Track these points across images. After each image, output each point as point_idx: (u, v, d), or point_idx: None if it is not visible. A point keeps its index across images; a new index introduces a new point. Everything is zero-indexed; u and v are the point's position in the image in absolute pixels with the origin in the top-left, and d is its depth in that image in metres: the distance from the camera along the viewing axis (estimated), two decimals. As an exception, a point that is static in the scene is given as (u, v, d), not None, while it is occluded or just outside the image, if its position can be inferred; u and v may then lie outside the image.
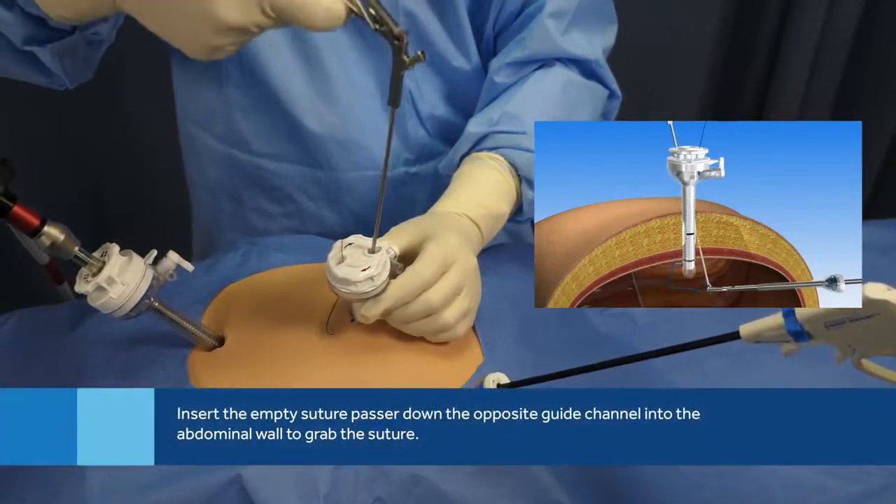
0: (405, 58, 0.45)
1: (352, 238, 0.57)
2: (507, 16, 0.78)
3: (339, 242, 0.57)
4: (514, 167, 0.72)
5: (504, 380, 0.53)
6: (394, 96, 0.48)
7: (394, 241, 0.59)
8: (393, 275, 0.57)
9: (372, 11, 0.44)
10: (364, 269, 0.55)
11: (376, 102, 0.79)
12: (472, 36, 0.78)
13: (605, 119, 0.85)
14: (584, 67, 0.80)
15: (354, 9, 0.45)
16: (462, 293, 0.59)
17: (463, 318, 0.59)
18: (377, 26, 0.45)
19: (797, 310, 0.39)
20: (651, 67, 1.47)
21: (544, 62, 0.78)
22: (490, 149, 0.73)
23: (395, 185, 0.82)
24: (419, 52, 0.46)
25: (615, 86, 0.83)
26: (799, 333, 0.39)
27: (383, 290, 0.56)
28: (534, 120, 0.72)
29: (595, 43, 0.80)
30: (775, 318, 0.39)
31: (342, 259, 0.56)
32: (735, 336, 0.41)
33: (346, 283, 0.55)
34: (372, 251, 0.56)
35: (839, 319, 0.37)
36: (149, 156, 1.29)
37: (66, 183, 1.26)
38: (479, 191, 0.70)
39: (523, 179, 0.72)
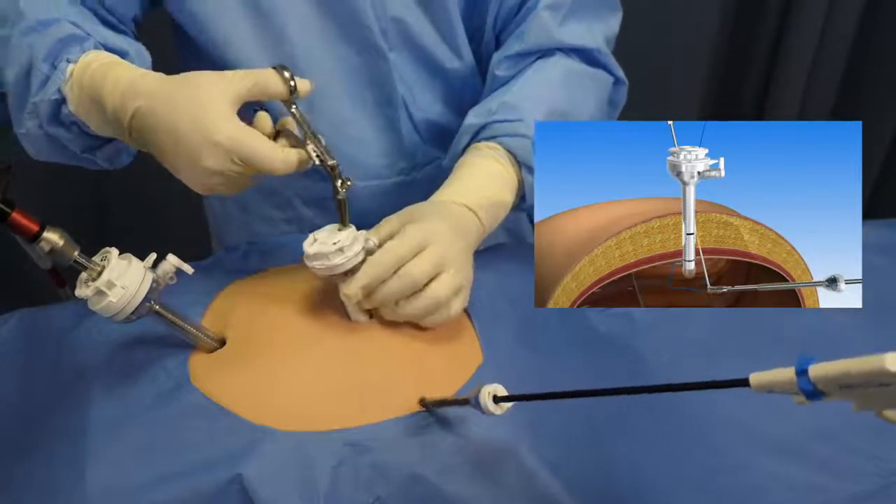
0: (339, 182, 0.58)
1: (324, 227, 0.61)
2: (507, 11, 0.78)
3: (312, 232, 0.60)
4: (513, 154, 0.72)
5: (501, 391, 0.52)
6: (341, 218, 0.60)
7: (376, 231, 0.60)
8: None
9: (314, 149, 0.57)
10: (334, 242, 0.57)
11: (366, 114, 0.79)
12: (464, 34, 0.78)
13: (613, 105, 0.83)
14: (586, 56, 0.79)
15: (305, 151, 0.57)
16: (450, 271, 0.59)
17: (456, 295, 0.59)
18: (317, 161, 0.58)
19: (811, 368, 0.36)
20: (651, 67, 1.47)
21: (544, 53, 0.78)
22: (488, 139, 0.73)
23: (391, 193, 0.82)
24: (346, 179, 0.58)
25: (620, 72, 0.81)
26: (812, 393, 0.37)
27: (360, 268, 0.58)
28: (533, 106, 0.72)
29: (595, 31, 0.79)
30: (788, 372, 0.38)
31: (314, 241, 0.59)
32: (744, 383, 0.39)
33: (319, 257, 0.57)
34: (341, 230, 0.59)
35: (855, 383, 0.35)
36: (150, 160, 1.29)
37: (67, 187, 1.26)
38: (477, 180, 0.69)
39: (522, 165, 0.71)
